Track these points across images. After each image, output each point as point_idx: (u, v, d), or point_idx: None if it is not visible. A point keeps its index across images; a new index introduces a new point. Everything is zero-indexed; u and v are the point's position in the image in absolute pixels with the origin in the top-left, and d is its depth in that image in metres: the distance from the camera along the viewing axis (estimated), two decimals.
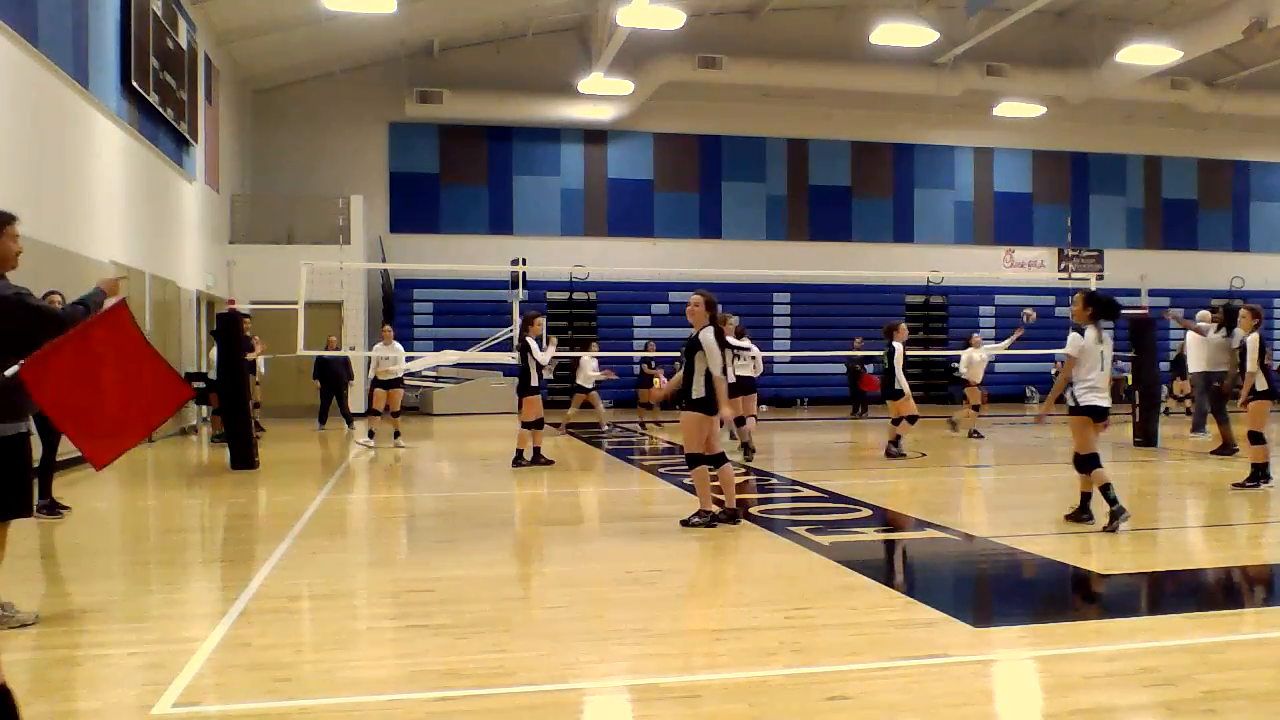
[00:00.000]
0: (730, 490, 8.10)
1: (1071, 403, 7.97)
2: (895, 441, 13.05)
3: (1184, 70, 25.34)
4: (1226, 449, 13.18)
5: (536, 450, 12.58)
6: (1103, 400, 7.91)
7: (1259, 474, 9.92)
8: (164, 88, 16.06)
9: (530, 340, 12.47)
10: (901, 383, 13.02)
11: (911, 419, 13.10)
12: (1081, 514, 8.05)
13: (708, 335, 7.82)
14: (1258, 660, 4.63)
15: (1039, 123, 28.13)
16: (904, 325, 13.45)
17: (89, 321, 4.92)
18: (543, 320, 13.04)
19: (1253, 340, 10.12)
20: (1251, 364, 10.03)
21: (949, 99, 26.09)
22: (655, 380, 19.21)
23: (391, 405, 15.46)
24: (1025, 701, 4.28)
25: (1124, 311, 12.79)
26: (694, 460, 7.98)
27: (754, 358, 14.03)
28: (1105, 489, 7.83)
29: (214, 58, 20.64)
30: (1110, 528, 7.68)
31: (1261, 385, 9.96)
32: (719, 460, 8.07)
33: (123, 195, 14.86)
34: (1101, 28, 25.51)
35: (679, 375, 8.25)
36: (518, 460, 12.44)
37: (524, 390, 12.54)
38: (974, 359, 16.87)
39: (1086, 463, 7.93)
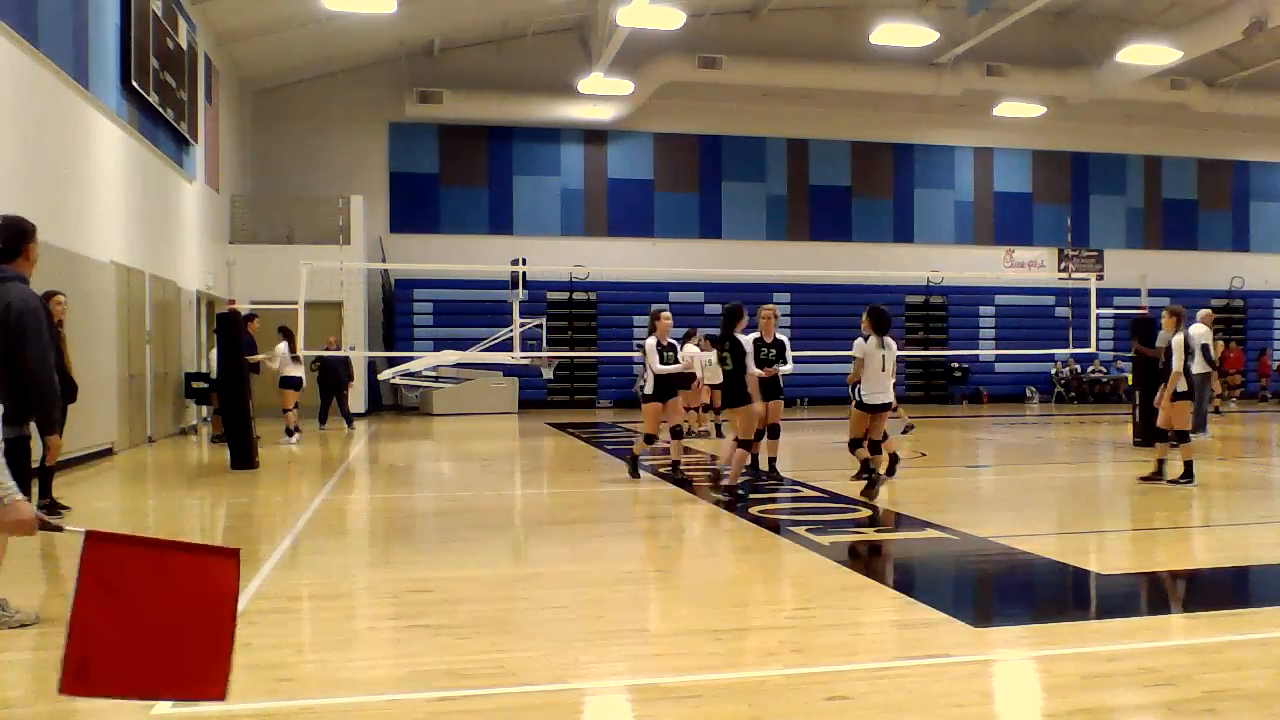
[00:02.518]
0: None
1: (856, 398, 9.52)
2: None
3: (1184, 70, 25.33)
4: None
5: (674, 463, 11.12)
6: (880, 398, 9.43)
7: (1186, 471, 10.21)
8: (164, 88, 16.06)
9: (649, 343, 10.96)
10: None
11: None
12: (869, 482, 9.32)
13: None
14: (1258, 660, 4.63)
15: (1039, 123, 28.12)
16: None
17: (195, 548, 3.38)
18: (669, 316, 11.19)
19: (1177, 341, 10.29)
20: (1177, 364, 10.21)
21: (949, 99, 26.09)
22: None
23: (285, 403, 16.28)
24: (1025, 701, 4.28)
25: (1123, 312, 12.77)
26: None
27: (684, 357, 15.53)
28: (865, 463, 9.61)
29: (214, 58, 20.64)
30: (865, 494, 9.24)
31: (1182, 386, 10.21)
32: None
33: (123, 195, 14.86)
34: (1101, 28, 25.51)
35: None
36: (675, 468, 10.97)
37: (642, 397, 11.08)
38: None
39: (853, 444, 9.70)
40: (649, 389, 11.01)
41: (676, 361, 11.08)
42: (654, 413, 10.96)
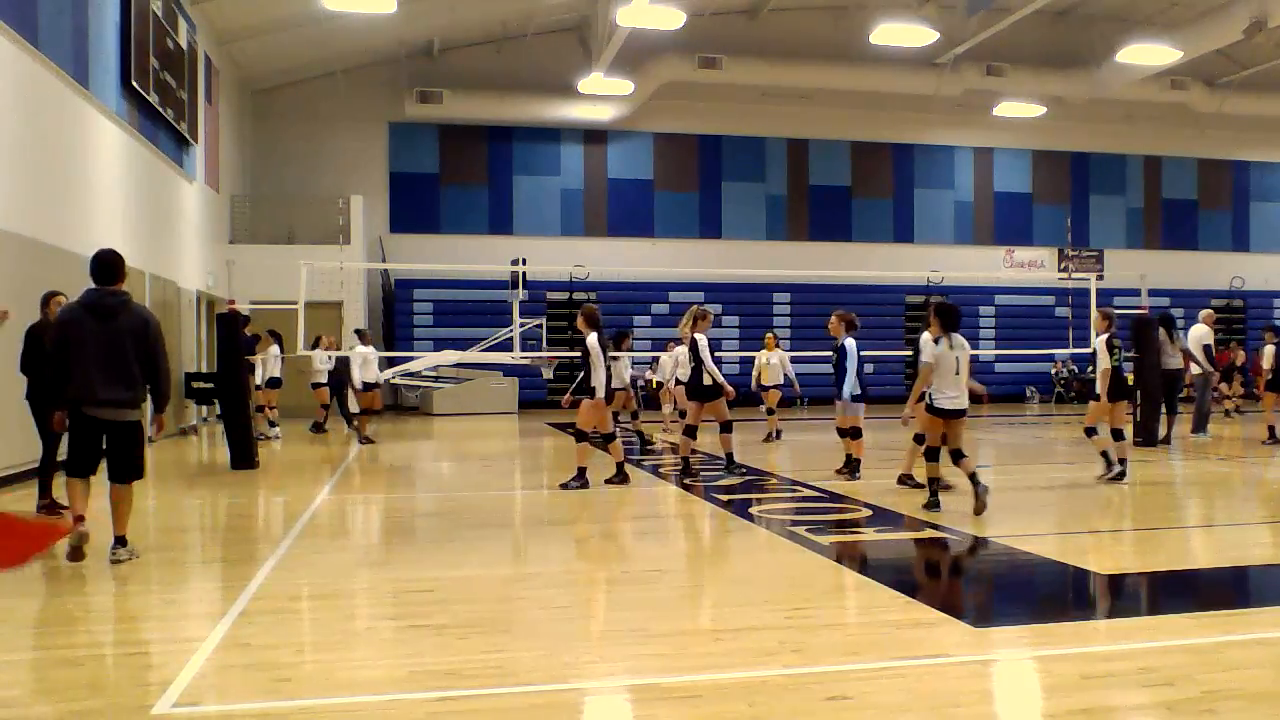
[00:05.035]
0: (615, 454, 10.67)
1: (928, 403, 8.66)
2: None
3: (1184, 70, 25.34)
4: (1166, 440, 14.33)
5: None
6: (956, 402, 8.57)
7: (1116, 465, 10.39)
8: (164, 88, 16.05)
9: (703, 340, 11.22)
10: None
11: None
12: (931, 500, 8.80)
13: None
14: (1258, 660, 4.63)
15: (1039, 123, 28.12)
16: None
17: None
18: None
19: (1100, 342, 10.52)
20: (1104, 363, 10.39)
21: (949, 99, 26.09)
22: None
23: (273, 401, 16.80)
24: (1025, 701, 4.28)
25: (1124, 311, 12.89)
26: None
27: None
28: (932, 481, 8.82)
29: (214, 58, 20.64)
30: (927, 506, 8.67)
31: (1102, 387, 10.53)
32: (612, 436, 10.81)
33: (123, 195, 14.86)
34: (1101, 28, 25.51)
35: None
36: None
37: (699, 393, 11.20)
38: (769, 362, 16.53)
39: (930, 454, 8.81)
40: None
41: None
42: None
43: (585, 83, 24.31)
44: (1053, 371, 28.18)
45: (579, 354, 10.78)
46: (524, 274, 21.82)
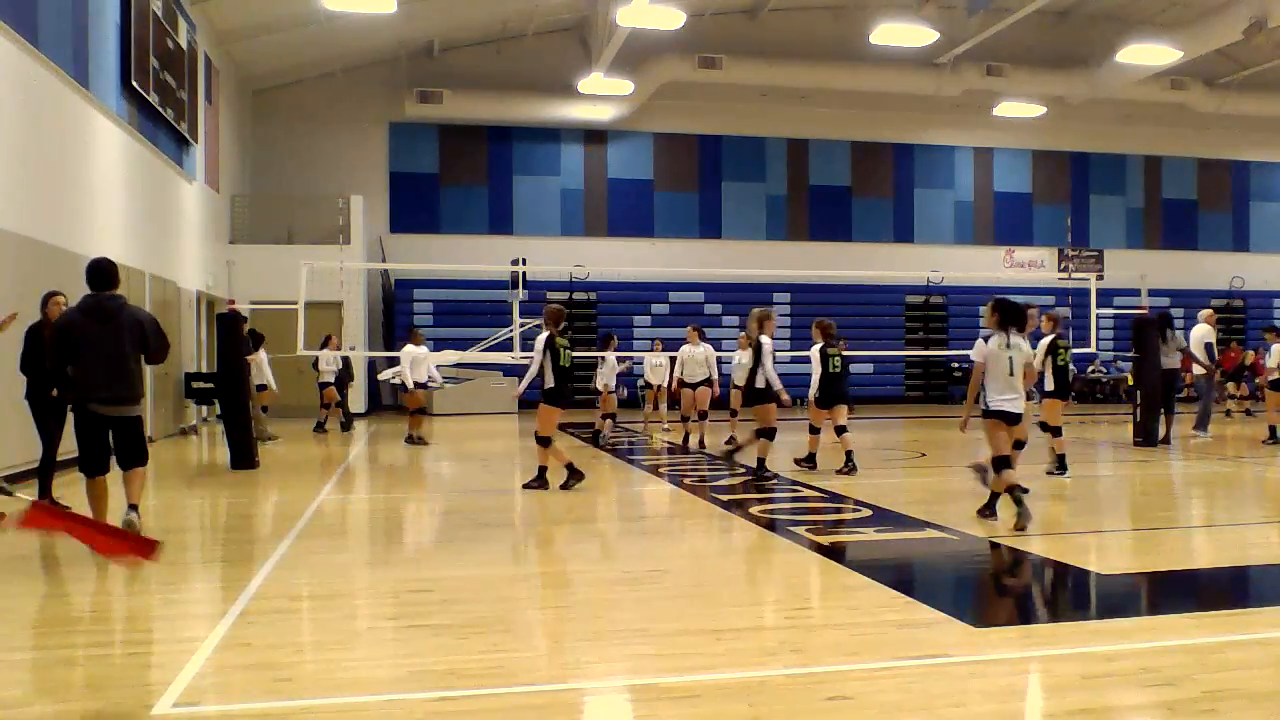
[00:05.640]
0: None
1: (983, 406, 8.09)
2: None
3: (1184, 70, 25.34)
4: (1165, 440, 14.52)
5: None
6: (1011, 404, 8.03)
7: (1061, 463, 11.05)
8: (164, 88, 16.05)
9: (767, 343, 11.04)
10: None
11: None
12: (987, 511, 8.22)
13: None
14: (1258, 660, 4.63)
15: (1039, 123, 28.12)
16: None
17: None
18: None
19: (1042, 345, 11.02)
20: (1038, 364, 10.66)
21: (949, 99, 26.09)
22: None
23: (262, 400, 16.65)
24: (1025, 701, 4.28)
25: (1124, 312, 12.98)
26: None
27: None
28: (1013, 489, 7.93)
29: (214, 58, 20.63)
30: (1018, 527, 7.68)
31: (1049, 385, 11.11)
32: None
33: (123, 195, 14.85)
34: (1101, 28, 25.51)
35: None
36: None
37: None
38: (740, 361, 16.43)
39: (997, 464, 8.01)
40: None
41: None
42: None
43: (585, 83, 24.30)
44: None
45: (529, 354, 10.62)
46: (524, 274, 21.82)
